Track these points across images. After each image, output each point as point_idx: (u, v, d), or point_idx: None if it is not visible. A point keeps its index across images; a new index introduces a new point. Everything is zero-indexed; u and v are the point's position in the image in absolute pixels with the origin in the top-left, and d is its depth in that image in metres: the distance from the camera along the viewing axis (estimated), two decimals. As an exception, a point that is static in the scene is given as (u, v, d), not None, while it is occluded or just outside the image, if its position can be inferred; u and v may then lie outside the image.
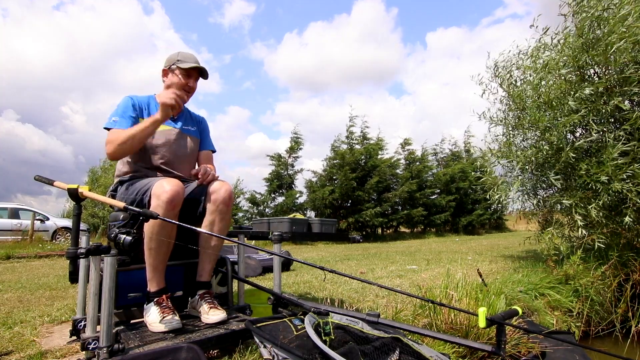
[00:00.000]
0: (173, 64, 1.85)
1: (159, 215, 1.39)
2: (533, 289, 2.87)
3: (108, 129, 1.70)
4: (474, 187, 15.87)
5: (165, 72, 1.88)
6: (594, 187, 3.20)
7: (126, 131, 1.62)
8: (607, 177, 3.05)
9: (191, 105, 2.05)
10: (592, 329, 2.97)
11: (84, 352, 1.35)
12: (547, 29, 3.69)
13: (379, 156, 13.77)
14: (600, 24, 3.21)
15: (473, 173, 14.87)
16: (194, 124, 1.99)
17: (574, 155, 3.25)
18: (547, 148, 3.39)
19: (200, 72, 1.90)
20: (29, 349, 1.69)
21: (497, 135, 4.32)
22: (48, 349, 1.69)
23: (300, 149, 13.58)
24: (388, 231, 14.80)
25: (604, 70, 3.37)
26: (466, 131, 18.21)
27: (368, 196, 13.01)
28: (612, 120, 3.44)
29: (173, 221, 1.42)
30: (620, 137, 3.13)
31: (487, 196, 4.27)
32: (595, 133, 3.21)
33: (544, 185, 4.06)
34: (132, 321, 1.70)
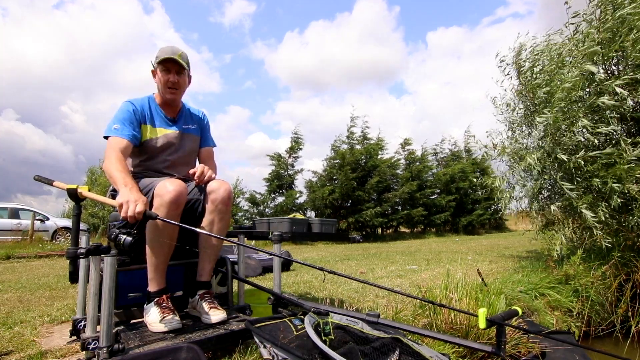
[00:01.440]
0: (155, 63, 1.79)
1: (157, 215, 1.39)
2: (533, 289, 2.87)
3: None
4: (474, 187, 15.88)
5: (153, 73, 1.83)
6: (602, 189, 3.16)
7: (115, 171, 1.50)
8: (616, 181, 3.01)
9: (190, 104, 2.03)
10: (592, 329, 2.97)
11: (84, 352, 1.35)
12: (577, 14, 3.56)
13: (379, 156, 13.77)
14: (623, 22, 3.16)
15: (475, 177, 14.87)
16: (194, 121, 1.96)
17: (581, 161, 3.21)
18: (560, 152, 3.31)
19: (177, 63, 1.75)
20: (29, 349, 1.68)
21: (502, 132, 4.29)
22: (48, 349, 1.69)
23: (301, 149, 13.60)
24: (388, 231, 14.79)
25: (625, 67, 3.32)
26: (466, 131, 18.23)
27: (368, 196, 13.00)
28: (621, 120, 3.39)
29: (172, 222, 1.42)
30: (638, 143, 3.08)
31: (495, 197, 4.25)
32: (607, 130, 3.15)
33: (548, 186, 4.05)
34: (132, 321, 1.70)
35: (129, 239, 1.27)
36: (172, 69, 1.77)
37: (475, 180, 14.83)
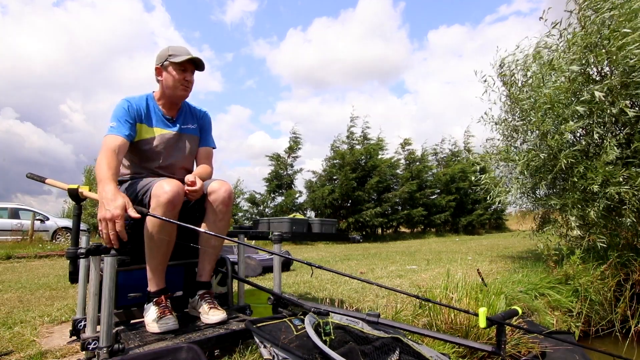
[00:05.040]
0: (165, 60, 1.75)
1: (155, 215, 1.40)
2: (533, 289, 2.87)
3: None
4: (474, 187, 15.88)
5: (159, 70, 1.79)
6: (590, 189, 3.19)
7: (103, 170, 1.46)
8: (599, 184, 3.04)
9: (192, 103, 2.01)
10: (592, 328, 2.97)
11: (84, 352, 1.35)
12: (557, 23, 3.63)
13: (379, 156, 13.77)
14: (605, 23, 3.19)
15: (474, 175, 14.93)
16: (194, 120, 1.93)
17: (572, 160, 3.22)
18: (546, 154, 3.36)
19: (195, 64, 1.80)
20: (29, 349, 1.69)
21: (496, 139, 4.34)
22: (48, 349, 1.69)
23: (299, 148, 13.59)
24: (388, 231, 14.79)
25: (610, 70, 3.35)
26: (466, 131, 18.23)
27: (368, 196, 13.00)
28: (614, 122, 3.42)
29: (172, 221, 1.42)
30: (620, 141, 3.10)
31: (488, 197, 4.29)
32: (597, 135, 3.19)
33: (542, 186, 4.07)
34: (132, 321, 1.70)
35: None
36: (189, 69, 1.78)
37: (473, 178, 14.88)
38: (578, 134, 3.66)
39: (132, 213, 1.34)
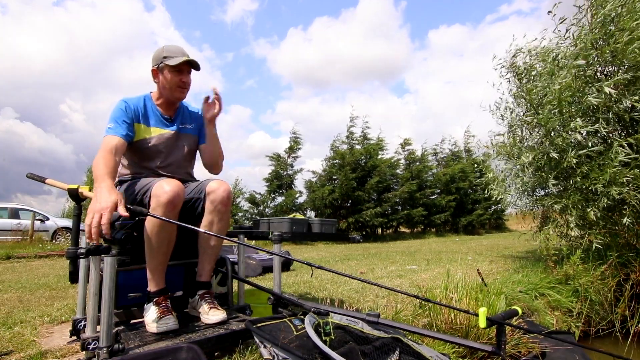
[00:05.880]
0: (161, 62, 1.74)
1: (155, 215, 1.40)
2: (533, 289, 2.87)
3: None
4: (474, 187, 15.89)
5: (155, 72, 1.78)
6: (592, 189, 3.18)
7: (99, 169, 1.45)
8: (603, 184, 3.03)
9: (192, 104, 2.02)
10: (592, 329, 2.97)
11: (84, 352, 1.35)
12: (564, 19, 3.60)
13: (379, 156, 13.77)
14: (614, 20, 3.18)
15: (474, 177, 14.87)
16: (192, 120, 1.93)
17: (576, 160, 3.22)
18: (556, 153, 3.33)
19: (191, 65, 1.79)
20: (29, 349, 1.69)
21: (500, 134, 4.31)
22: (48, 349, 1.69)
23: (300, 148, 13.59)
24: (388, 231, 14.79)
25: (616, 68, 3.34)
26: (466, 131, 18.24)
27: (368, 196, 13.00)
28: (617, 121, 3.40)
29: (172, 221, 1.42)
30: (627, 145, 3.09)
31: (487, 193, 4.28)
32: (611, 131, 3.17)
33: (543, 185, 4.06)
34: (132, 321, 1.70)
35: (119, 234, 1.28)
36: (185, 70, 1.78)
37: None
38: (585, 132, 3.63)
39: (122, 211, 1.29)
